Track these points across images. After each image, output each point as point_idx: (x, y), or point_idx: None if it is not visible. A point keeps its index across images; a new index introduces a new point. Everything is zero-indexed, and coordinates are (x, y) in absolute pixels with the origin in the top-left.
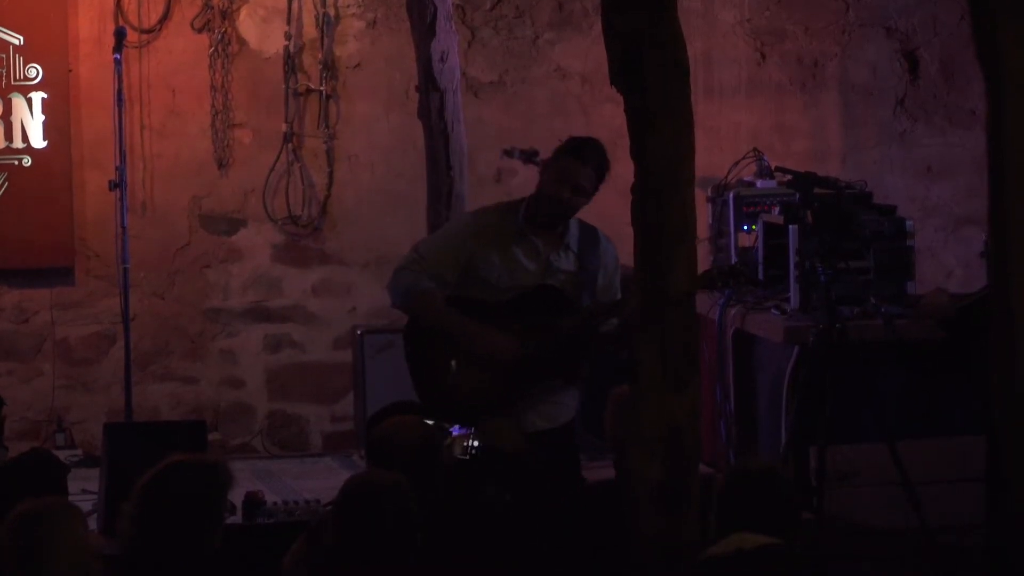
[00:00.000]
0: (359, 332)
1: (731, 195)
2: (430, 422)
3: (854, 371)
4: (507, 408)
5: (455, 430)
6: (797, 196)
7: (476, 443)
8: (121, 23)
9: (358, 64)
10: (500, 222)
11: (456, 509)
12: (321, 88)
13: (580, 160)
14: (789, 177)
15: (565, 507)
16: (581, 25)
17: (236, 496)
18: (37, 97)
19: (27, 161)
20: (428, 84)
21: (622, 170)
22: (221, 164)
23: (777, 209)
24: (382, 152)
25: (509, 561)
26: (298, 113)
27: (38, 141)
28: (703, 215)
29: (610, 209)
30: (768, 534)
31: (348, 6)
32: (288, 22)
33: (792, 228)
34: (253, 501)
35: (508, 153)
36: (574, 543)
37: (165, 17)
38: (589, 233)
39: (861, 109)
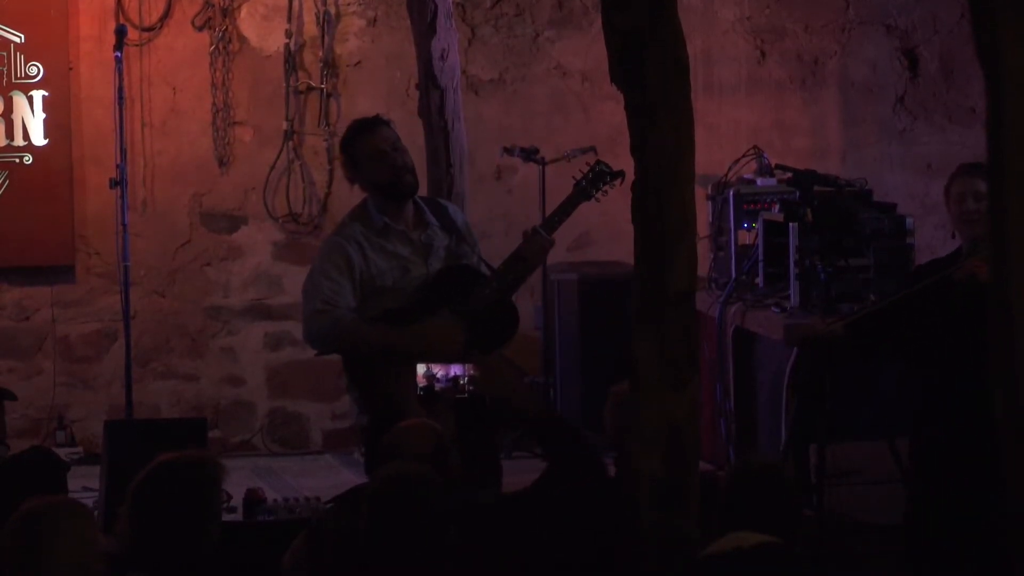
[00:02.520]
0: None
1: (731, 193)
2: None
3: (854, 369)
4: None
5: (454, 370)
6: (797, 194)
7: (470, 384)
8: (122, 21)
9: (358, 62)
10: (363, 227)
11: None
12: (322, 86)
13: (374, 126)
14: (789, 175)
15: (565, 506)
16: (581, 23)
17: (237, 494)
18: (38, 95)
19: (28, 159)
20: (428, 82)
21: (622, 167)
22: (222, 162)
23: (777, 207)
24: None
25: (511, 560)
26: (299, 111)
27: (39, 139)
28: (703, 213)
29: (610, 205)
30: (771, 532)
31: (348, 4)
32: (289, 20)
33: (792, 226)
34: (253, 499)
35: (508, 151)
36: (574, 541)
37: (166, 15)
38: (432, 205)
39: (861, 107)
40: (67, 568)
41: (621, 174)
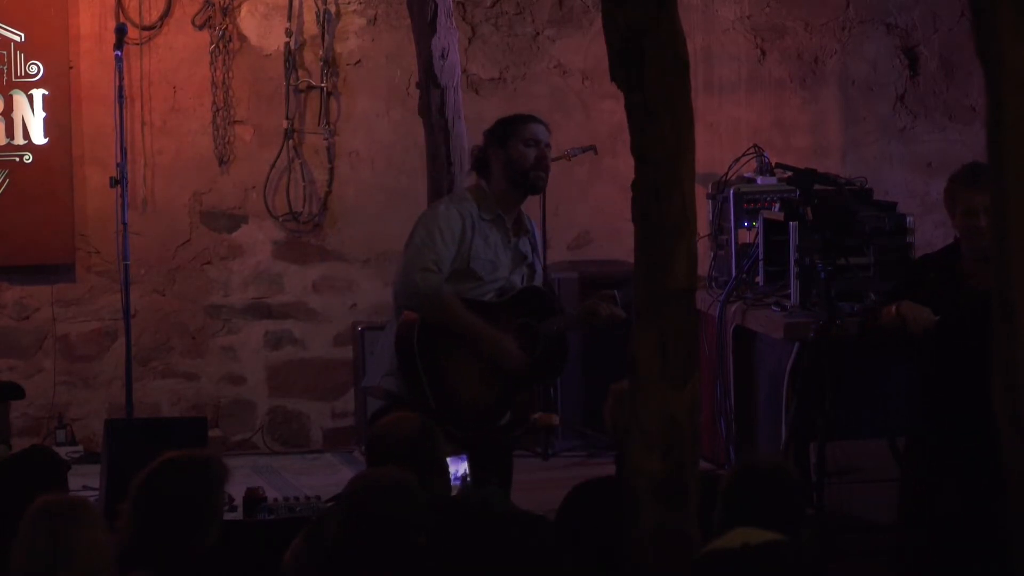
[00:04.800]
0: (360, 328)
1: (731, 191)
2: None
3: (854, 367)
4: (501, 414)
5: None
6: (797, 192)
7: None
8: (122, 20)
9: (359, 61)
10: (477, 208)
11: (456, 509)
12: (322, 85)
13: (537, 120)
14: (789, 173)
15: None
16: (581, 21)
17: (237, 493)
18: (38, 94)
19: (28, 158)
20: (429, 81)
21: (622, 166)
22: (222, 161)
23: (777, 205)
24: (383, 149)
25: (508, 560)
26: (299, 110)
27: (39, 138)
28: (703, 211)
29: (610, 204)
30: (774, 530)
31: (349, 3)
32: (289, 19)
33: (792, 224)
34: (254, 497)
35: None
36: (573, 540)
37: (166, 14)
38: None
39: (861, 105)
40: (85, 565)
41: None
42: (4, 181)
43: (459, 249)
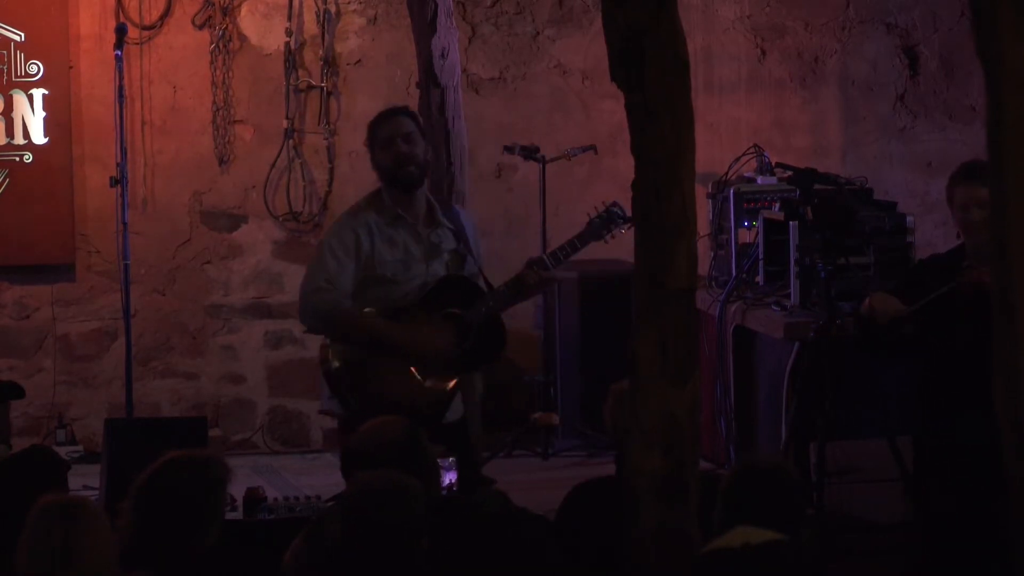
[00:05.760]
0: None
1: (731, 191)
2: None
3: (854, 367)
4: (444, 409)
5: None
6: (797, 192)
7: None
8: (122, 20)
9: (359, 60)
10: (376, 214)
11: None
12: (322, 84)
13: (393, 114)
14: (789, 173)
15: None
16: (581, 21)
17: (237, 492)
18: (38, 93)
19: (28, 157)
20: (429, 80)
21: (622, 165)
22: (222, 160)
23: (777, 205)
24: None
25: (507, 560)
26: (299, 109)
27: (39, 137)
28: (703, 211)
29: None
30: (774, 530)
31: (349, 2)
32: (289, 18)
33: (792, 224)
34: (254, 497)
35: (509, 149)
36: (573, 540)
37: (166, 14)
38: (446, 207)
39: (861, 105)
40: (87, 565)
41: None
42: (4, 181)
43: (358, 261)
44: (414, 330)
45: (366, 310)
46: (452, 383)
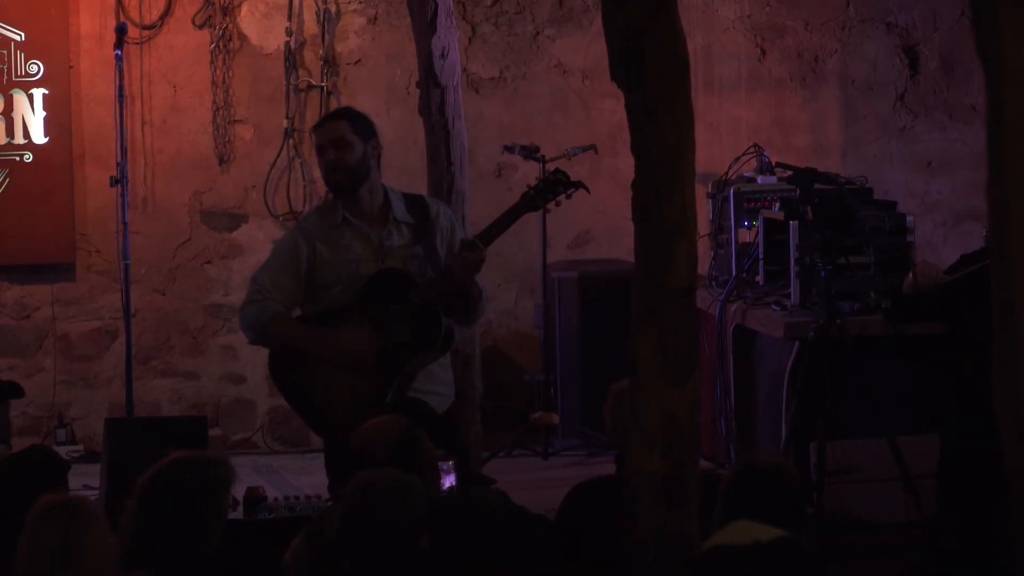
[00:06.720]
0: None
1: (731, 191)
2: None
3: (854, 366)
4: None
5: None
6: (797, 192)
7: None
8: (122, 19)
9: (359, 60)
10: (320, 219)
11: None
12: (322, 84)
13: (324, 121)
14: (789, 173)
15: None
16: (581, 21)
17: (237, 492)
18: (38, 93)
19: (28, 157)
20: (429, 80)
21: (622, 165)
22: (222, 160)
23: (777, 205)
24: (383, 148)
25: (507, 560)
26: (299, 109)
27: (39, 137)
28: (703, 211)
29: (610, 203)
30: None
31: (349, 2)
32: (289, 18)
33: (792, 224)
34: (254, 497)
35: (509, 149)
36: (573, 540)
37: (166, 13)
38: (417, 203)
39: (861, 104)
40: (88, 565)
41: (579, 184)
42: (4, 181)
43: (298, 268)
44: (331, 334)
45: (294, 316)
46: (384, 378)
